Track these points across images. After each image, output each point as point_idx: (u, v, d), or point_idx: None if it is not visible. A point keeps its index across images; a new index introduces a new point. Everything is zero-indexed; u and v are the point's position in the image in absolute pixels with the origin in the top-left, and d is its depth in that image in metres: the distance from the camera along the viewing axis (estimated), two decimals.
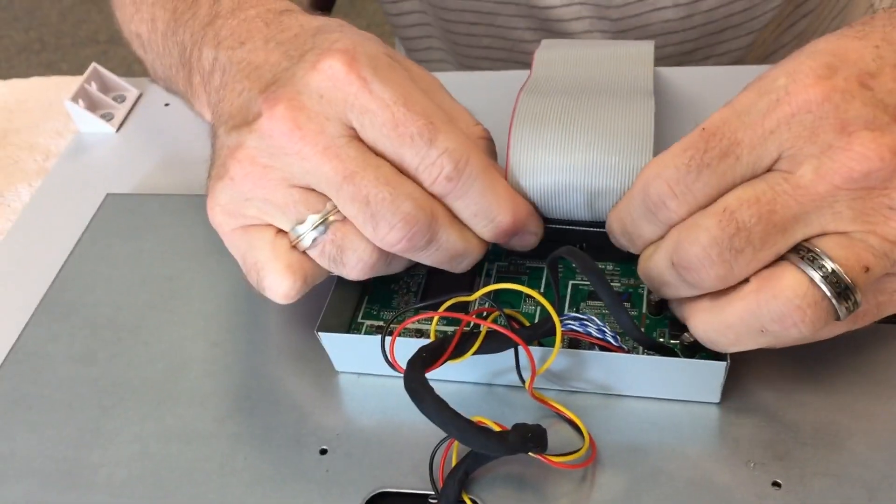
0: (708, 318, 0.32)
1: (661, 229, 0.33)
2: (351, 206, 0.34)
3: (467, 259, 0.36)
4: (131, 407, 0.39)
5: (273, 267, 0.35)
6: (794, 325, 0.30)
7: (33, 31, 2.06)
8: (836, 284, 0.29)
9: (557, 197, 0.37)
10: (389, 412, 0.37)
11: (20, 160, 0.56)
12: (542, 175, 0.37)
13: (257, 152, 0.35)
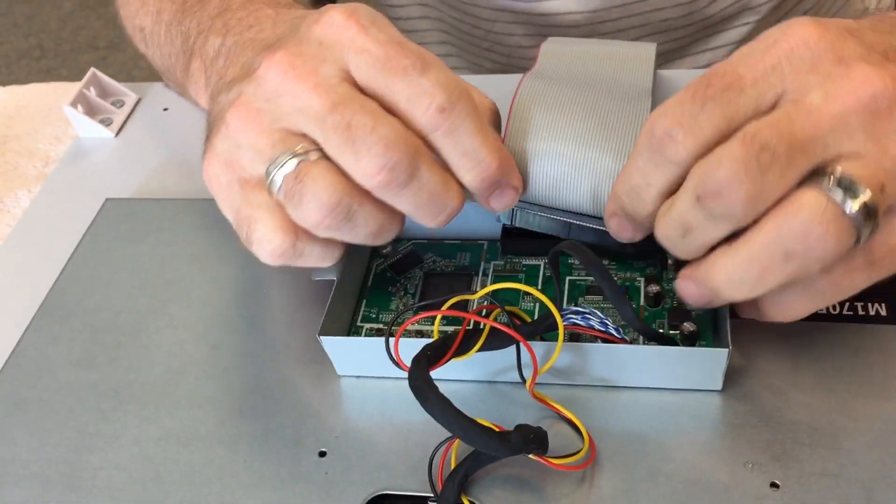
0: (729, 260, 0.31)
1: (671, 172, 0.32)
2: (334, 135, 0.33)
3: (446, 208, 0.35)
4: (131, 410, 0.39)
5: (267, 222, 0.35)
6: (817, 241, 0.29)
7: (33, 37, 2.06)
8: (855, 197, 0.29)
9: (548, 183, 0.37)
10: (388, 414, 0.37)
11: (19, 166, 0.56)
12: (536, 159, 0.37)
13: (253, 98, 0.35)
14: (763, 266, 0.30)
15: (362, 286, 0.42)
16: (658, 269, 0.40)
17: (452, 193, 0.35)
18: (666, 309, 0.38)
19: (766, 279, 0.31)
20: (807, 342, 0.37)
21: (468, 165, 0.35)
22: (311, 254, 0.36)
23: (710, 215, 0.31)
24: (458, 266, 0.42)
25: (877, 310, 0.37)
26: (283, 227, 0.34)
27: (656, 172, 0.32)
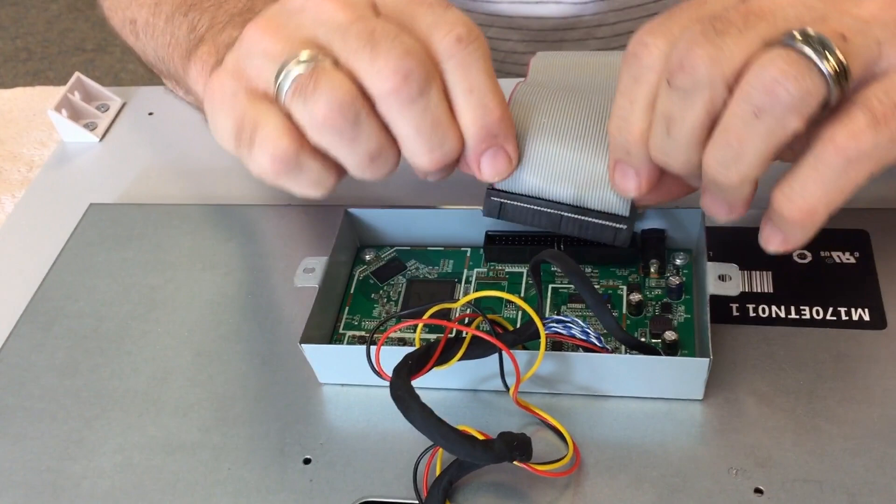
0: (712, 142, 0.31)
1: (649, 82, 0.32)
2: (355, 41, 0.33)
3: (444, 144, 0.34)
4: (114, 418, 0.39)
5: (274, 123, 0.34)
6: (782, 89, 0.28)
7: (20, 39, 2.05)
8: (812, 42, 0.29)
9: (542, 173, 0.37)
10: (373, 421, 0.37)
11: (3, 171, 0.56)
12: (530, 152, 0.37)
13: (275, 14, 0.35)
14: (737, 132, 0.30)
15: (345, 293, 0.42)
16: (640, 277, 0.40)
17: (454, 132, 0.35)
18: (648, 318, 0.38)
19: (746, 147, 0.30)
20: (790, 348, 0.37)
21: (472, 104, 0.34)
22: (309, 171, 0.35)
23: (682, 94, 0.31)
24: (441, 273, 0.42)
25: (860, 315, 0.38)
26: (290, 132, 0.34)
27: (637, 87, 0.33)
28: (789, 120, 0.29)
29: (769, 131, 0.29)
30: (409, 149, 0.35)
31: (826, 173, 0.30)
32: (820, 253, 0.40)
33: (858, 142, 0.29)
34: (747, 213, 0.42)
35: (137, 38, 0.53)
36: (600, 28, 0.62)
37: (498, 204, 0.38)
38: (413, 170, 0.37)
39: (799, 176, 0.31)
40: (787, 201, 0.31)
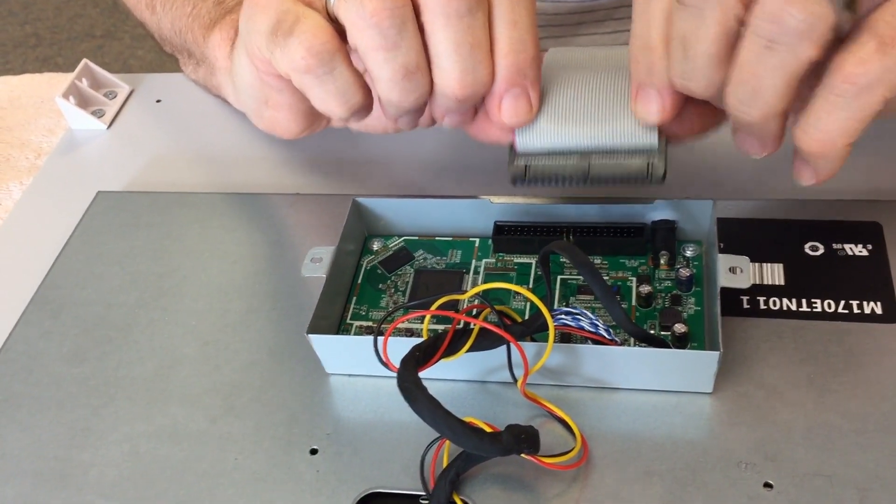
0: (730, 87, 0.31)
1: (661, 1, 0.32)
2: None
3: (476, 73, 0.34)
4: (122, 406, 0.39)
5: (317, 19, 0.34)
6: (788, 15, 0.28)
7: (29, 25, 2.05)
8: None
9: (562, 130, 0.36)
10: (380, 412, 0.37)
11: (12, 158, 0.56)
12: (550, 112, 0.36)
13: None
14: (751, 67, 0.29)
15: (352, 283, 0.41)
16: (650, 269, 0.40)
17: (488, 62, 0.34)
18: (657, 310, 0.38)
19: (763, 81, 0.30)
20: (801, 341, 0.37)
21: (513, 38, 0.34)
22: (340, 76, 0.34)
23: (693, 12, 0.30)
24: (449, 264, 0.42)
25: (872, 308, 0.37)
26: (331, 31, 0.34)
27: (651, 7, 0.32)
28: (801, 48, 0.29)
29: (783, 62, 0.29)
30: (443, 68, 0.34)
31: (838, 103, 0.30)
32: (832, 245, 0.40)
33: (867, 68, 0.29)
34: (757, 206, 0.42)
35: (153, 12, 0.53)
36: (619, 10, 0.62)
37: (523, 166, 0.37)
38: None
39: (814, 108, 0.30)
40: (804, 135, 0.31)
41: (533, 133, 0.36)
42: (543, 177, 0.37)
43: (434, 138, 0.51)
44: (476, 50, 0.34)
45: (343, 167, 0.50)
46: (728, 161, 0.46)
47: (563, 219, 0.41)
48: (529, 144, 0.36)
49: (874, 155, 0.45)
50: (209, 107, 0.56)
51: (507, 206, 0.41)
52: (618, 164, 0.36)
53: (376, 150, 0.51)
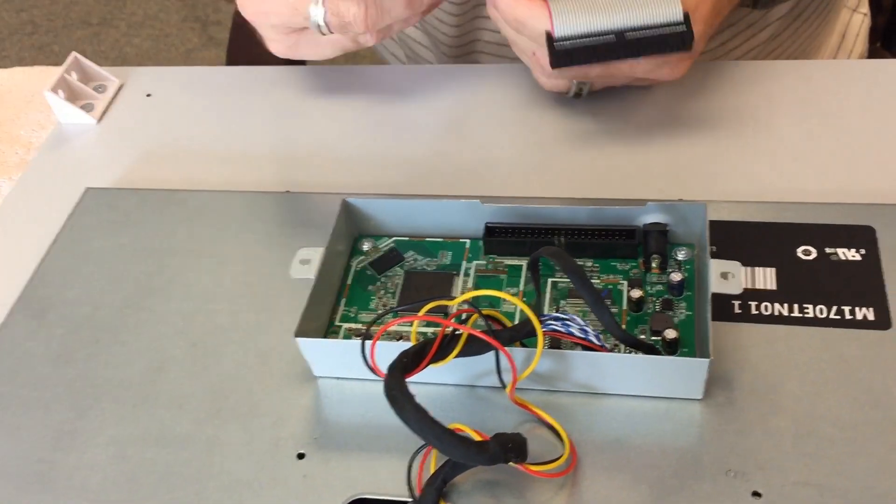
0: None
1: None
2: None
3: None
4: (108, 409, 0.39)
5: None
6: None
7: (25, 13, 2.03)
8: None
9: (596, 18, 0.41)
10: (368, 416, 0.37)
11: (1, 153, 0.55)
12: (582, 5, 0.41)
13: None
14: None
15: (342, 284, 0.41)
16: (641, 272, 0.39)
17: None
18: (648, 314, 0.38)
19: None
20: (792, 347, 0.36)
21: None
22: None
23: None
24: (439, 265, 0.41)
25: (864, 314, 0.37)
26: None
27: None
28: None
29: None
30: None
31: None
32: (825, 249, 0.39)
33: None
34: (749, 208, 0.42)
35: None
36: None
37: (564, 50, 0.40)
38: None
39: None
40: None
41: (570, 20, 0.40)
42: (583, 58, 0.41)
43: (426, 137, 0.50)
44: None
45: (334, 163, 0.50)
46: (721, 163, 0.46)
47: (554, 221, 0.40)
48: (567, 31, 0.41)
49: (867, 158, 0.45)
50: (199, 101, 0.56)
51: (498, 208, 0.41)
52: (650, 37, 0.41)
53: (368, 147, 0.50)
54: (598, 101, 0.50)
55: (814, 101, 0.48)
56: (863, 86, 0.49)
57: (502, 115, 0.51)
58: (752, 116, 0.48)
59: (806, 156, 0.45)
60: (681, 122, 0.48)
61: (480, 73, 0.55)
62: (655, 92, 0.50)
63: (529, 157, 0.48)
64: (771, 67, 0.51)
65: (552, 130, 0.49)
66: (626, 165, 0.47)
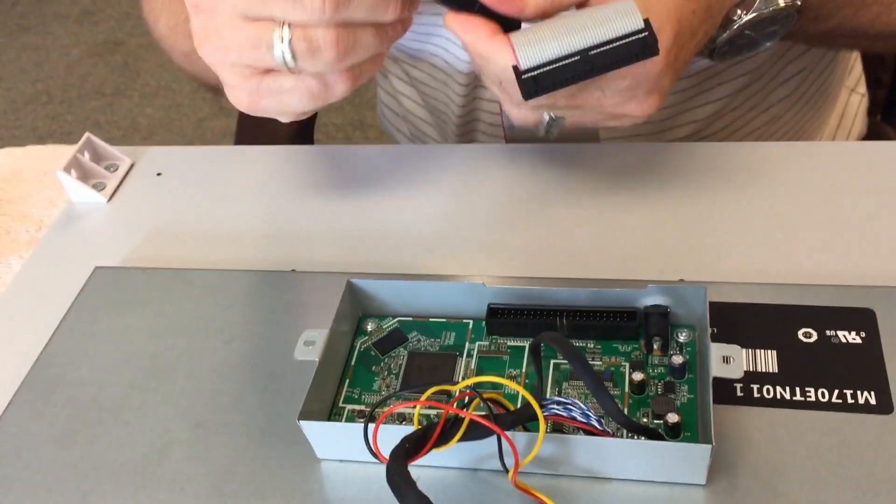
0: None
1: None
2: (278, 6, 0.38)
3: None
4: (110, 492, 0.39)
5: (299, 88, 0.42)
6: None
7: (40, 83, 2.08)
8: None
9: (559, 41, 0.40)
10: (371, 500, 0.37)
11: (12, 230, 0.56)
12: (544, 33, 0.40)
13: (198, 21, 0.42)
14: None
15: (346, 364, 0.41)
16: (643, 354, 0.40)
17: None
18: (650, 397, 0.38)
19: None
20: (794, 432, 0.36)
21: None
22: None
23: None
24: (443, 346, 0.42)
25: (866, 398, 0.37)
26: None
27: None
28: None
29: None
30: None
31: None
32: (826, 332, 0.39)
33: None
34: (750, 290, 0.42)
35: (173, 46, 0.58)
36: None
37: (531, 78, 0.40)
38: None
39: None
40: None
41: (533, 49, 0.40)
42: (552, 82, 0.41)
43: (430, 216, 0.51)
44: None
45: (338, 241, 0.50)
46: (721, 242, 0.46)
47: (556, 303, 0.41)
48: (532, 60, 0.40)
49: (867, 240, 0.45)
50: (208, 180, 0.57)
51: (500, 290, 0.41)
52: (615, 48, 0.40)
53: (372, 226, 0.51)
54: (600, 179, 0.51)
55: (813, 183, 0.49)
56: (862, 167, 0.50)
57: (505, 195, 0.52)
58: (752, 197, 0.49)
59: (806, 237, 0.46)
60: (682, 201, 0.49)
61: (483, 152, 0.56)
62: (657, 172, 0.51)
63: (531, 236, 0.49)
64: (772, 149, 0.52)
65: (554, 209, 0.50)
66: (627, 244, 0.47)
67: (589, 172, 0.51)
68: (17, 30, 2.27)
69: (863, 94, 0.72)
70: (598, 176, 0.51)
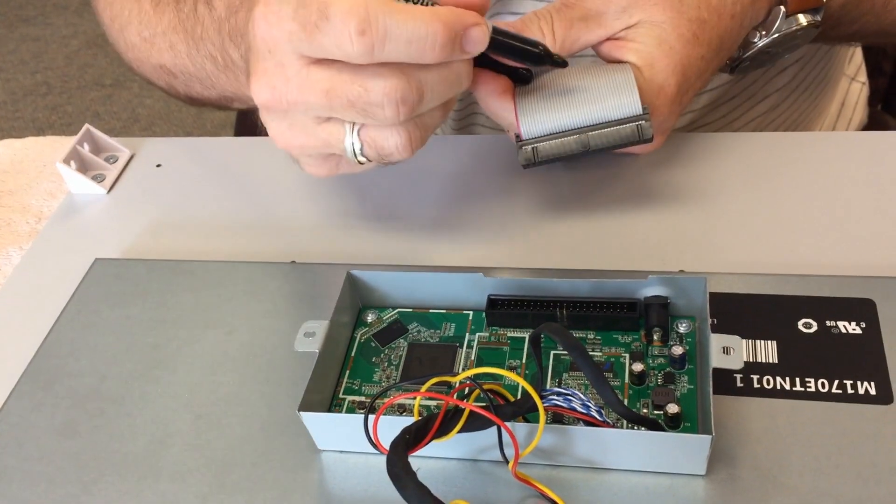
0: None
1: None
2: (349, 114, 0.39)
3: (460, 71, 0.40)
4: (112, 483, 0.39)
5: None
6: None
7: (39, 74, 2.08)
8: None
9: (558, 116, 0.43)
10: (371, 491, 0.37)
11: (12, 222, 0.56)
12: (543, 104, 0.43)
13: (270, 118, 0.42)
14: None
15: (346, 355, 0.41)
16: (643, 345, 0.40)
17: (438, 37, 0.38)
18: (650, 388, 0.38)
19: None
20: (794, 422, 0.36)
21: (421, 50, 0.37)
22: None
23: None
24: (443, 337, 0.42)
25: (866, 388, 0.37)
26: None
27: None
28: None
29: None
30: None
31: None
32: (826, 322, 0.39)
33: None
34: (750, 280, 0.42)
35: (175, 77, 0.57)
36: None
37: (530, 148, 0.43)
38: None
39: None
40: None
41: (534, 121, 0.43)
42: (549, 154, 0.44)
43: (429, 207, 0.51)
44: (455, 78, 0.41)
45: (338, 232, 0.50)
46: (721, 233, 0.46)
47: (556, 294, 0.41)
48: (532, 131, 0.43)
49: (867, 230, 0.45)
50: (208, 172, 0.57)
51: (500, 281, 0.41)
52: (612, 131, 0.43)
53: (371, 216, 0.51)
54: (600, 170, 0.51)
55: (814, 173, 0.49)
56: (862, 157, 0.50)
57: (504, 185, 0.52)
58: (752, 187, 0.49)
59: (806, 227, 0.46)
60: (682, 191, 0.49)
61: (481, 143, 0.56)
62: (657, 162, 0.51)
63: (531, 227, 0.49)
64: (772, 138, 0.52)
65: (554, 200, 0.50)
66: (627, 235, 0.47)
67: (588, 163, 0.51)
68: (17, 21, 2.27)
69: (863, 82, 0.72)
70: (598, 166, 0.51)
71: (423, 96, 0.39)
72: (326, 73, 0.38)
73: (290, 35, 0.37)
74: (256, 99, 0.41)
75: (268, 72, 0.39)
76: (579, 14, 0.44)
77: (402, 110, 0.38)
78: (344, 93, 0.38)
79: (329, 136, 0.41)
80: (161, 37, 0.55)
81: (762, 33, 0.48)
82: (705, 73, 0.46)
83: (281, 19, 0.37)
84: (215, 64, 0.52)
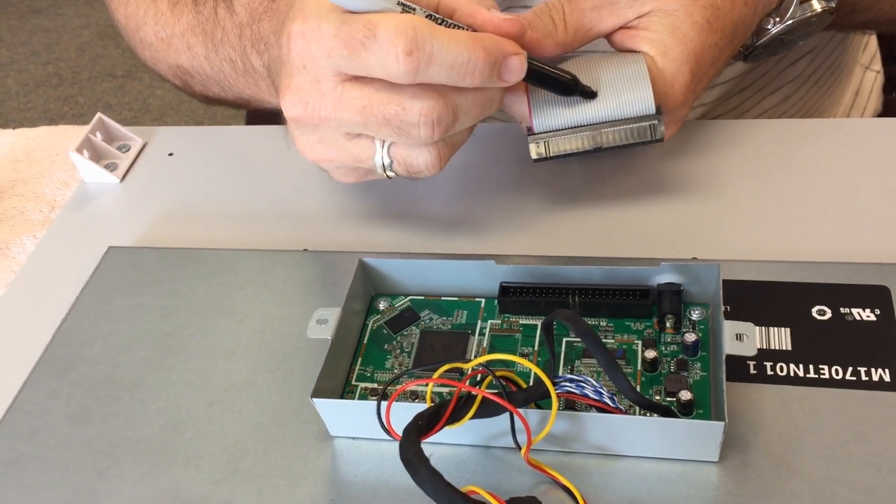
0: None
1: None
2: (383, 132, 0.40)
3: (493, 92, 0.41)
4: (126, 469, 0.39)
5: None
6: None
7: (51, 65, 2.08)
8: None
9: (573, 111, 0.43)
10: (384, 477, 0.37)
11: (26, 211, 0.57)
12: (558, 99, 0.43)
13: (300, 132, 0.42)
14: None
15: (358, 343, 0.41)
16: (656, 332, 0.39)
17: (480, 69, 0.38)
18: (663, 375, 0.38)
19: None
20: (808, 409, 0.36)
21: (462, 74, 0.38)
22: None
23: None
24: (455, 324, 0.42)
25: (880, 375, 0.37)
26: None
27: None
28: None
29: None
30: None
31: None
32: (840, 309, 0.39)
33: None
34: (763, 268, 0.42)
35: (192, 77, 0.56)
36: None
37: (542, 142, 0.43)
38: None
39: None
40: None
41: (547, 115, 0.43)
42: (561, 149, 0.44)
43: (442, 194, 0.51)
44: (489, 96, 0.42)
45: (350, 220, 0.50)
46: (735, 220, 0.46)
47: (568, 281, 0.41)
48: (545, 125, 0.43)
49: (880, 217, 0.45)
50: (220, 160, 0.57)
51: (512, 268, 0.41)
52: (625, 129, 0.43)
53: (384, 205, 0.51)
54: (613, 159, 0.51)
55: (827, 160, 0.49)
56: (875, 144, 0.49)
57: (516, 174, 0.52)
58: (765, 175, 0.49)
59: (819, 214, 0.46)
60: (694, 179, 0.49)
61: (494, 131, 0.55)
62: (670, 150, 0.51)
63: (544, 215, 0.49)
64: (785, 125, 0.52)
65: (566, 188, 0.50)
66: (639, 222, 0.47)
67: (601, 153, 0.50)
68: (29, 12, 2.27)
69: (878, 71, 0.71)
70: (611, 156, 0.51)
71: (457, 118, 0.39)
72: (363, 91, 0.39)
73: (330, 52, 0.38)
74: (287, 113, 0.41)
75: (301, 87, 0.40)
76: (591, 3, 0.44)
77: (436, 131, 0.39)
78: (380, 111, 0.39)
79: (359, 153, 0.42)
80: (179, 38, 0.55)
81: (776, 20, 0.47)
82: (719, 60, 0.45)
83: (321, 37, 0.38)
84: (234, 68, 0.52)
